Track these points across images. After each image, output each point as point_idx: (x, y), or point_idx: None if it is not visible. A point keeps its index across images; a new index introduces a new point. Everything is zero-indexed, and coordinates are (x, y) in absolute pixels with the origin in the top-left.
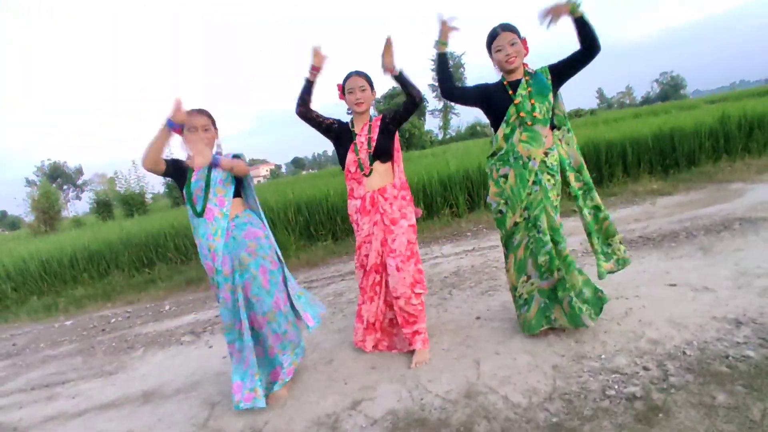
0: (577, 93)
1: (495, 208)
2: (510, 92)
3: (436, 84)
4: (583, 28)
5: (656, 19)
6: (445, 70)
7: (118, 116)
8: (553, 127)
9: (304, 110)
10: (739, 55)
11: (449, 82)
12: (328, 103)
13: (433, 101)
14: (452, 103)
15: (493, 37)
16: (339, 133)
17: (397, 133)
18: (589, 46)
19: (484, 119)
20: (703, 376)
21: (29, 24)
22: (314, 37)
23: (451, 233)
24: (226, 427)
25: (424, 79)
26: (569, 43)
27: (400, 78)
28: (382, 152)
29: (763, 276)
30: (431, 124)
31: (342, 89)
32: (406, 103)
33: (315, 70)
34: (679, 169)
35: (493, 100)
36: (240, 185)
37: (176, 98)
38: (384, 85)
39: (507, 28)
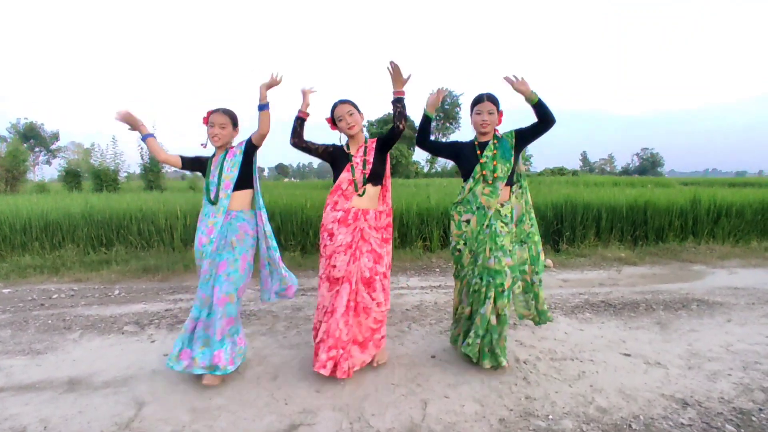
0: (562, 152)
1: (454, 246)
2: (478, 152)
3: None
4: (539, 109)
5: (647, 100)
6: (426, 128)
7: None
8: (511, 184)
9: (298, 141)
10: (714, 146)
11: (426, 138)
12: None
13: None
14: (443, 139)
15: (477, 101)
16: (335, 157)
17: (388, 159)
18: (544, 120)
19: None
20: None
21: None
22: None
23: (420, 266)
24: (150, 430)
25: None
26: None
27: (397, 102)
28: (376, 175)
29: (713, 360)
30: (419, 155)
31: (332, 120)
32: (390, 129)
33: (303, 114)
34: (648, 241)
35: (463, 158)
36: (247, 172)
37: (122, 113)
38: (378, 110)
39: (490, 98)
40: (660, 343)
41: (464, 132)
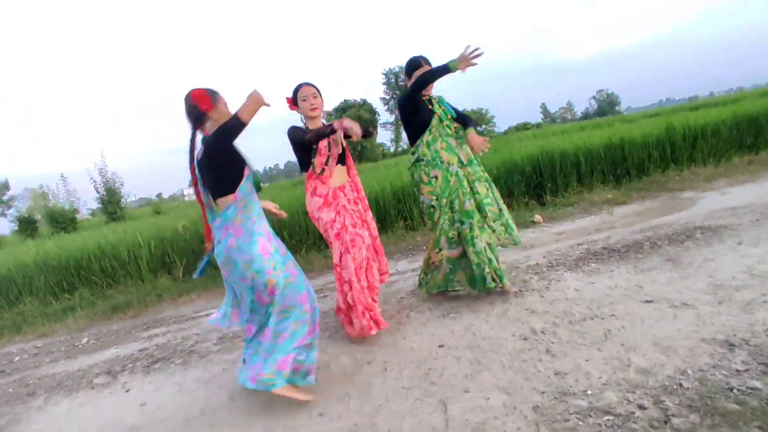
0: (522, 108)
1: (428, 204)
2: (429, 107)
3: (387, 98)
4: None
5: (591, 42)
6: (432, 82)
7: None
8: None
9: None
10: (664, 76)
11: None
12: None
13: (384, 114)
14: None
15: (417, 65)
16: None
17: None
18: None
19: None
20: (710, 416)
21: None
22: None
23: (405, 248)
24: None
25: (376, 93)
26: None
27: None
28: (343, 156)
29: (741, 288)
30: (383, 137)
31: (293, 101)
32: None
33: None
34: (630, 178)
35: (422, 111)
36: None
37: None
38: (335, 98)
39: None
40: (679, 281)
41: None
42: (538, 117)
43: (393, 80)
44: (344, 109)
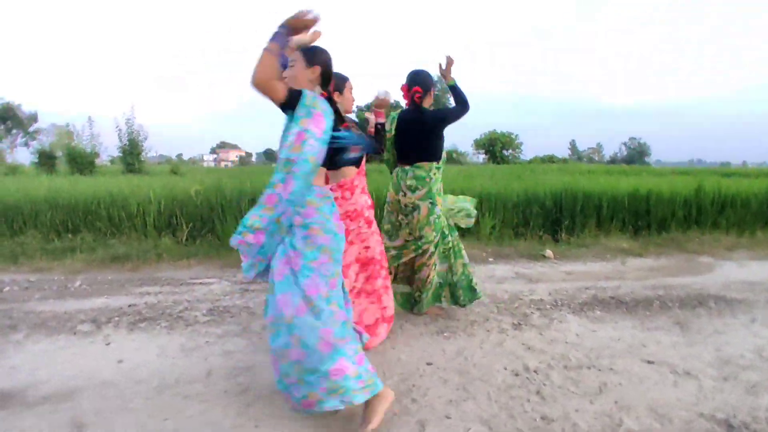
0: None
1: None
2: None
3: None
4: (454, 92)
5: (634, 91)
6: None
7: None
8: None
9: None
10: (698, 136)
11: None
12: None
13: None
14: None
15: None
16: None
17: None
18: (460, 102)
19: (462, 146)
20: None
21: None
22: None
23: None
24: None
25: None
26: None
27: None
28: None
29: (748, 368)
30: None
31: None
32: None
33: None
34: (650, 232)
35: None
36: None
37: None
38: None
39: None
40: (685, 348)
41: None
42: (565, 152)
43: None
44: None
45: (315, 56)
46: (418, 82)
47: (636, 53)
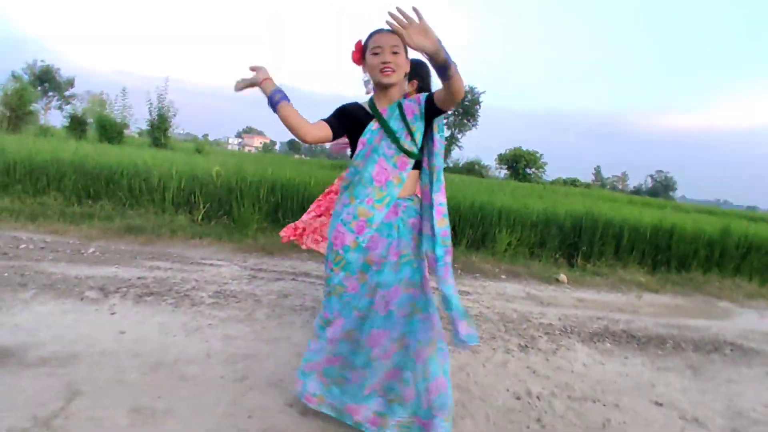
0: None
1: None
2: None
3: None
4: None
5: (666, 116)
6: None
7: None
8: None
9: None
10: (725, 176)
11: None
12: None
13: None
14: (459, 135)
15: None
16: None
17: None
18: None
19: (486, 159)
20: None
21: None
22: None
23: None
24: (73, 431)
25: None
26: None
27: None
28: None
29: (760, 423)
30: None
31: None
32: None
33: None
34: (669, 268)
35: None
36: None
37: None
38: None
39: None
40: (696, 394)
41: (481, 130)
42: (589, 177)
43: None
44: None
45: (413, 71)
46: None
47: (663, 79)
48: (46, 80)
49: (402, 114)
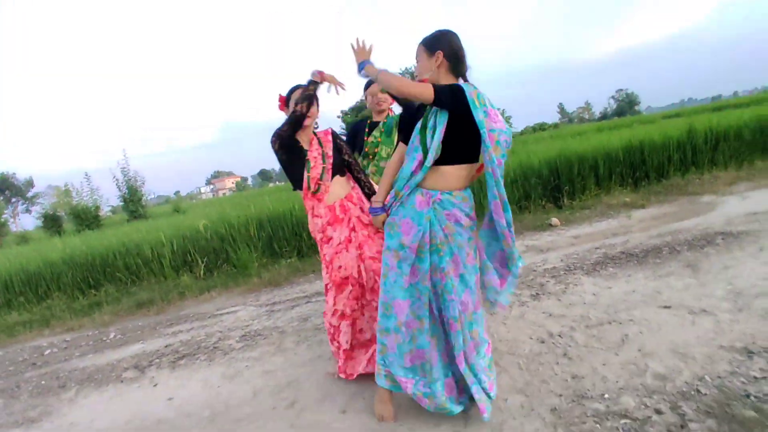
0: (539, 108)
1: None
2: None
3: None
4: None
5: (612, 39)
6: None
7: (75, 125)
8: None
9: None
10: (686, 75)
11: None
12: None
13: None
14: None
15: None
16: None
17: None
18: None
19: None
20: (727, 423)
21: None
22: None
23: None
24: None
25: None
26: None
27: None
28: (340, 167)
29: (761, 296)
30: None
31: (285, 101)
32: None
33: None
34: (649, 181)
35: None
36: None
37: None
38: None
39: None
40: (698, 288)
41: None
42: (555, 117)
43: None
44: (360, 108)
45: (435, 43)
46: None
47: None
48: (5, 188)
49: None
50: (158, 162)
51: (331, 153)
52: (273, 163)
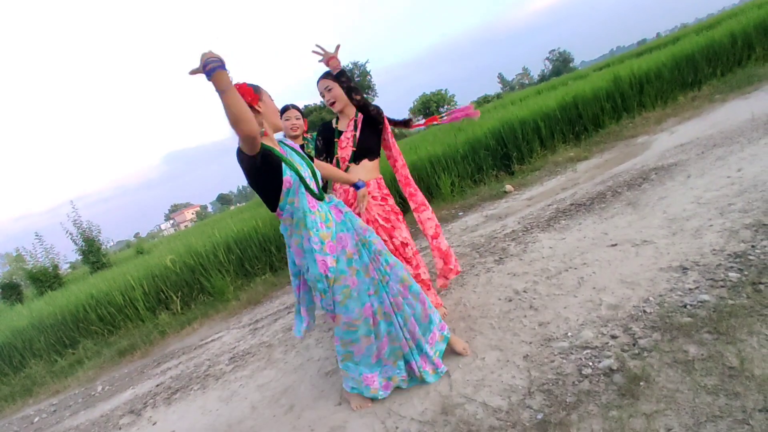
0: (480, 81)
1: None
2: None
3: None
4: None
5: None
6: None
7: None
8: None
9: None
10: (613, 24)
11: None
12: None
13: None
14: None
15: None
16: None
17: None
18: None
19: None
20: (669, 332)
21: None
22: None
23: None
24: None
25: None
26: None
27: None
28: (368, 150)
29: (691, 218)
30: None
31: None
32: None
33: None
34: (589, 133)
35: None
36: None
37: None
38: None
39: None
40: (638, 222)
41: (383, 96)
42: (497, 87)
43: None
44: (306, 113)
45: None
46: None
47: None
48: None
49: None
50: (108, 207)
51: (358, 135)
52: (230, 186)
